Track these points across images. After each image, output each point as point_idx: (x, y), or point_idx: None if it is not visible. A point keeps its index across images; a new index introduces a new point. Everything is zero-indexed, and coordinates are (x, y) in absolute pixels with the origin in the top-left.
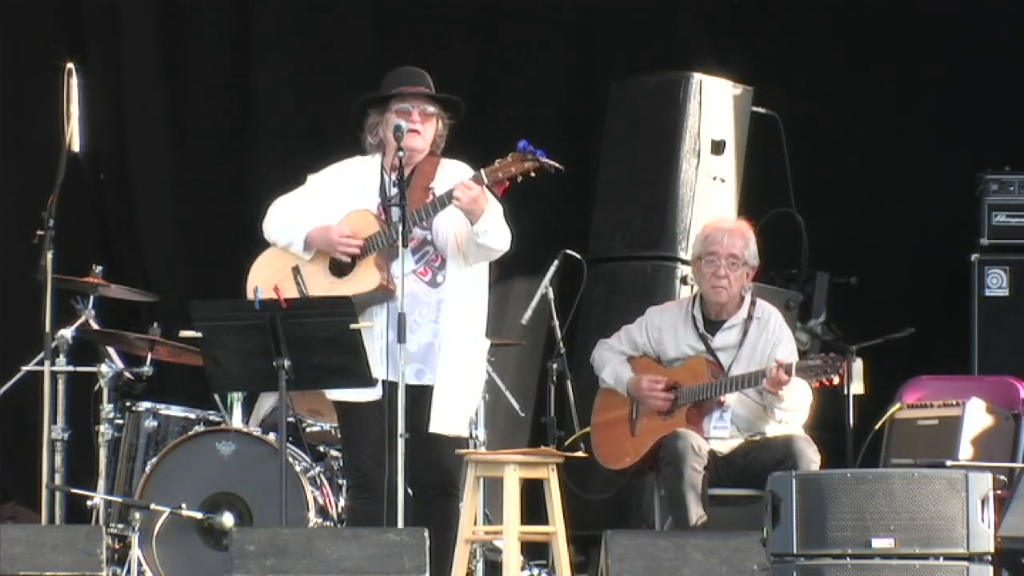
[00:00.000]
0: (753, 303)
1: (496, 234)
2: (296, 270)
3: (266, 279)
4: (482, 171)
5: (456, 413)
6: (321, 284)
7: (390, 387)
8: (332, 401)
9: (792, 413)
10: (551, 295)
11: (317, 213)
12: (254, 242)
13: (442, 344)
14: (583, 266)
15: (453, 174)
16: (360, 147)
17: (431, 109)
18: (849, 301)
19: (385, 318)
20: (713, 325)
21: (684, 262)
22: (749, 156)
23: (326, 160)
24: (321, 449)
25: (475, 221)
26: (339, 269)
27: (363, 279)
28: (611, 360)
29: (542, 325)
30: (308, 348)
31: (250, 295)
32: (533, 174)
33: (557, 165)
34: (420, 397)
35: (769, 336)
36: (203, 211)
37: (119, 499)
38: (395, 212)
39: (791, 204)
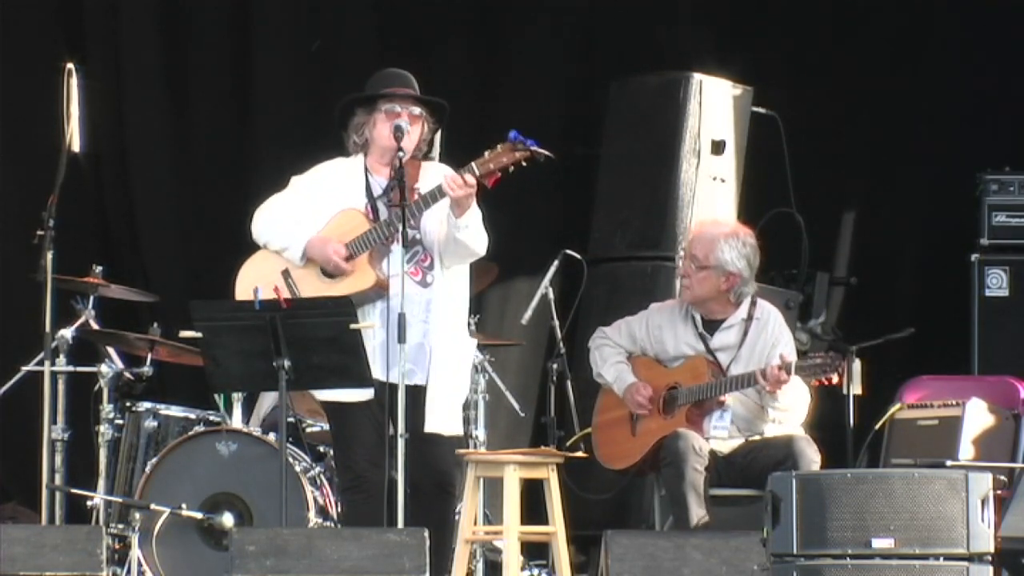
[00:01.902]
0: (753, 303)
1: (475, 233)
2: (286, 273)
3: (255, 283)
4: (472, 163)
5: (451, 412)
6: (313, 285)
7: (382, 387)
8: (321, 402)
9: (786, 413)
10: (551, 295)
11: (305, 215)
12: (254, 242)
13: (433, 344)
14: (583, 266)
15: (437, 176)
16: (342, 148)
17: (417, 111)
18: (849, 301)
19: (378, 317)
20: (712, 325)
21: None
22: (749, 156)
23: (325, 159)
24: (321, 449)
25: (460, 214)
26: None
27: (358, 278)
28: (611, 358)
29: (542, 325)
30: (308, 348)
31: (239, 298)
32: (524, 164)
33: (548, 154)
34: (412, 397)
35: (768, 336)
36: (203, 211)
37: (119, 499)
38: (383, 211)
39: (791, 204)
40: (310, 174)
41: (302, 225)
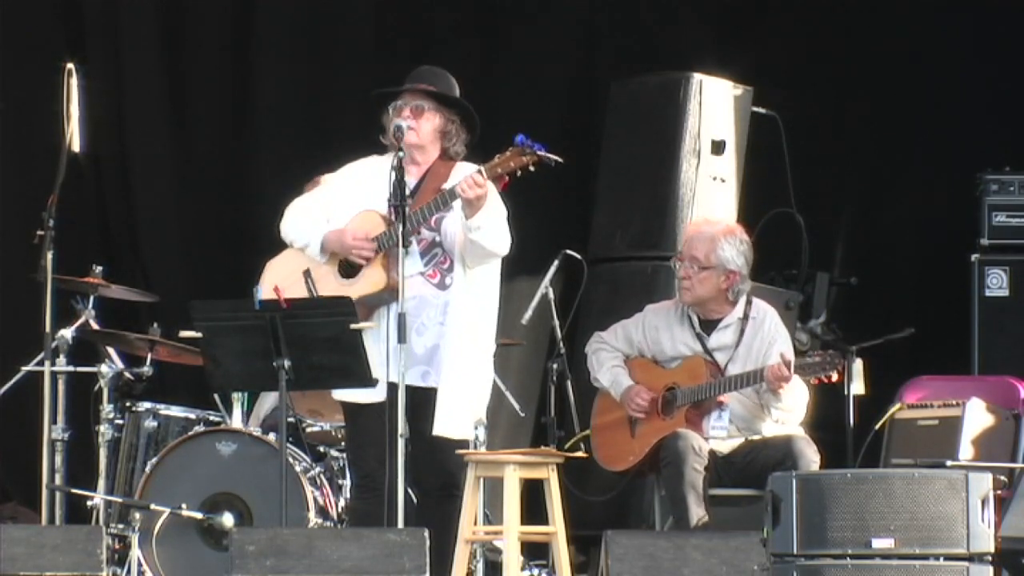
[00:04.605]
0: (749, 302)
1: (490, 234)
2: (307, 273)
3: (279, 280)
4: (482, 167)
5: (460, 416)
6: (330, 286)
7: (393, 388)
8: (339, 401)
9: (789, 413)
10: (551, 295)
11: (335, 212)
12: (254, 242)
13: (446, 347)
14: (583, 266)
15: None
16: (340, 147)
17: (424, 105)
18: (849, 301)
19: (392, 319)
20: (708, 324)
21: None
22: (749, 156)
23: (325, 159)
24: (321, 449)
25: (471, 215)
26: (348, 271)
27: (370, 279)
28: (608, 362)
29: (543, 325)
30: (308, 348)
31: (264, 293)
32: (532, 168)
33: (556, 158)
34: (425, 399)
35: (765, 335)
36: (203, 211)
37: (119, 499)
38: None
39: (791, 204)
40: (341, 172)
41: (329, 223)
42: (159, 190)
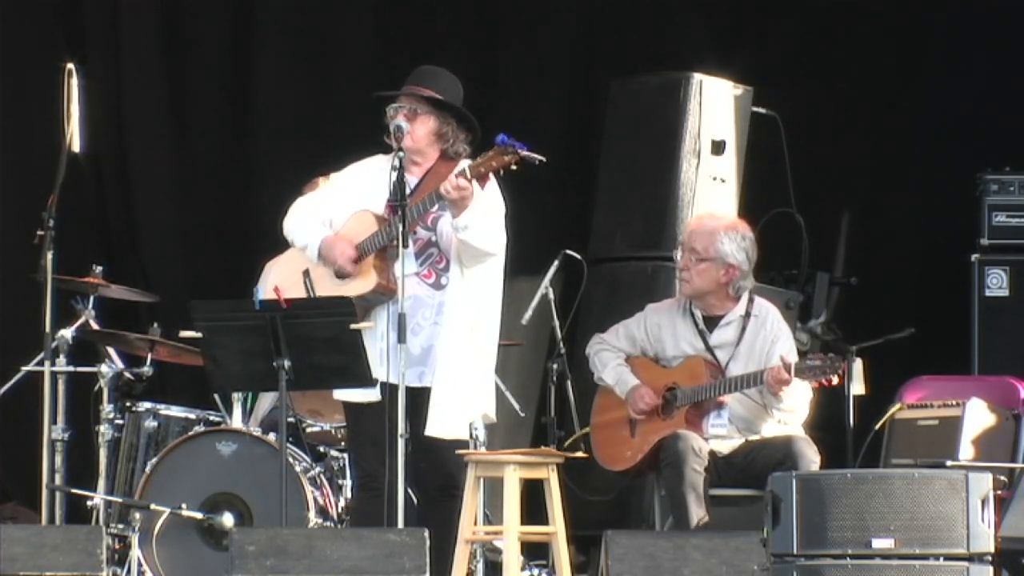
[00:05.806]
0: (751, 300)
1: (479, 233)
2: (306, 273)
3: (280, 281)
4: (465, 167)
5: (453, 416)
6: (326, 286)
7: (390, 388)
8: (339, 401)
9: (791, 414)
10: (551, 295)
11: (334, 212)
12: (254, 242)
13: (441, 346)
14: (583, 266)
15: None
16: (339, 147)
17: (418, 108)
18: (849, 301)
19: (388, 319)
20: (711, 321)
21: None
22: (749, 156)
23: (325, 160)
24: (321, 449)
25: (456, 215)
26: (342, 272)
27: (362, 281)
28: (611, 361)
29: (542, 325)
30: (308, 348)
31: (265, 291)
32: (515, 167)
33: (539, 157)
34: (421, 399)
35: (767, 333)
36: (203, 211)
37: (119, 499)
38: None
39: (791, 204)
40: (346, 171)
41: (328, 224)
42: (159, 190)
